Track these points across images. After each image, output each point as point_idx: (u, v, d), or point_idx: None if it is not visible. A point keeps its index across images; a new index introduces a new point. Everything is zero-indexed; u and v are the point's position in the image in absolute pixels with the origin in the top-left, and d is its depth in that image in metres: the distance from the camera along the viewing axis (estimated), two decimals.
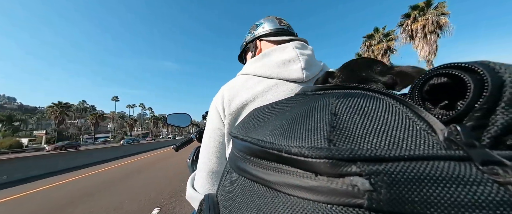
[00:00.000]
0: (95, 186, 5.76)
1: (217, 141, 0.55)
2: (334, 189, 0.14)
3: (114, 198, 4.45)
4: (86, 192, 5.14)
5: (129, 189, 5.18)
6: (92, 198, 4.58)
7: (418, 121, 0.17)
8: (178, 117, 1.23)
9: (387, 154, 0.14)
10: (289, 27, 0.72)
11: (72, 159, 10.72)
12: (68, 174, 8.36)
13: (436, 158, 0.14)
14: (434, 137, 0.16)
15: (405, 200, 0.13)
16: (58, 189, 5.68)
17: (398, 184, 0.13)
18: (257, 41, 0.71)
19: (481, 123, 0.16)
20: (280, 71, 0.55)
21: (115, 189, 5.21)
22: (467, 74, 0.17)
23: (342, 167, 0.14)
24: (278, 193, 0.18)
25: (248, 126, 0.29)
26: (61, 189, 5.65)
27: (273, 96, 0.53)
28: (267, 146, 0.20)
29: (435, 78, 0.20)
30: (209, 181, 0.53)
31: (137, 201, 4.07)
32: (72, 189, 5.61)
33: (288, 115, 0.25)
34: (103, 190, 5.19)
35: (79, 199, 4.56)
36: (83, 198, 4.63)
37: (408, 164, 0.13)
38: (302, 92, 0.34)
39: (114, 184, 5.79)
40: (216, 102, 0.57)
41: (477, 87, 0.16)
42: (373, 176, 0.13)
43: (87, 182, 6.39)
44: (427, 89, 0.20)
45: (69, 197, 4.78)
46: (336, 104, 0.21)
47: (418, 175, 0.13)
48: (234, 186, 0.25)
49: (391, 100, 0.20)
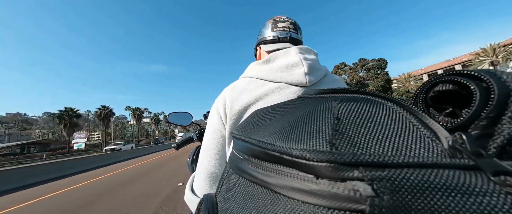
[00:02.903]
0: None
1: (217, 143, 0.55)
2: (335, 193, 0.14)
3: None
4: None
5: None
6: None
7: (422, 128, 0.17)
8: (179, 115, 1.23)
9: (391, 160, 0.14)
10: (286, 29, 0.69)
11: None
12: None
13: (441, 166, 0.13)
14: (439, 145, 0.16)
15: (408, 207, 0.12)
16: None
17: (402, 191, 0.13)
18: (257, 47, 0.74)
19: (487, 132, 0.16)
20: (283, 75, 0.55)
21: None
22: (473, 82, 0.17)
23: (344, 171, 0.14)
24: (278, 195, 0.18)
25: (249, 127, 0.29)
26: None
27: (276, 99, 0.53)
28: (268, 148, 0.20)
29: (440, 85, 0.19)
30: (208, 184, 0.53)
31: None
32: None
33: (290, 117, 0.24)
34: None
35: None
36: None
37: (412, 171, 0.13)
38: (304, 95, 0.34)
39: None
40: (218, 104, 0.57)
41: (483, 96, 0.16)
42: (376, 182, 0.13)
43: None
44: (431, 96, 0.20)
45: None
46: (339, 108, 0.20)
47: (422, 182, 0.13)
48: (233, 186, 0.25)
49: (394, 106, 0.20)
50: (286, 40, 0.68)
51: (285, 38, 0.68)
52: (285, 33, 0.68)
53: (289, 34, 0.68)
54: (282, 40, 0.68)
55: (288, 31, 0.69)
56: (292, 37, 0.69)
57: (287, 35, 0.68)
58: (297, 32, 0.70)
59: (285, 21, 0.70)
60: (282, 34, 0.68)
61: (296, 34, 0.70)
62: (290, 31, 0.69)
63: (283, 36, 0.68)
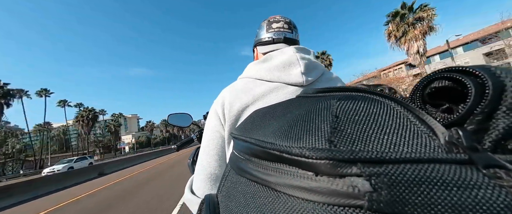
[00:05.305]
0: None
1: (216, 143, 0.56)
2: (334, 189, 0.14)
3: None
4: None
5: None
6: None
7: (419, 124, 0.17)
8: (179, 117, 1.23)
9: (388, 156, 0.14)
10: (280, 29, 0.69)
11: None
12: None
13: (438, 161, 0.14)
14: (435, 140, 0.16)
15: (405, 202, 0.13)
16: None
17: (399, 186, 0.13)
18: (254, 48, 0.75)
19: (482, 127, 0.16)
20: (280, 75, 0.56)
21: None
22: (468, 78, 0.17)
23: (343, 168, 0.15)
24: (279, 193, 0.18)
25: (249, 127, 0.29)
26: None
27: (274, 99, 0.53)
28: (268, 147, 0.20)
29: (436, 81, 0.20)
30: (207, 185, 0.53)
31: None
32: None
33: (289, 116, 0.25)
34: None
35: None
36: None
37: (409, 166, 0.14)
38: (303, 94, 0.34)
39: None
40: (216, 105, 0.57)
41: (478, 91, 0.16)
42: (374, 178, 0.14)
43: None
44: (428, 92, 0.21)
45: None
46: (337, 106, 0.21)
47: (419, 177, 0.13)
48: (234, 186, 0.25)
49: (392, 103, 0.20)
50: (280, 41, 0.68)
51: (280, 39, 0.68)
52: (279, 33, 0.69)
53: (283, 34, 0.69)
54: (276, 41, 0.68)
55: (282, 31, 0.69)
56: (287, 37, 0.69)
57: (282, 35, 0.68)
58: (292, 31, 0.70)
59: (279, 21, 0.70)
60: (277, 34, 0.69)
61: (291, 33, 0.70)
62: (285, 31, 0.69)
63: (278, 37, 0.68)
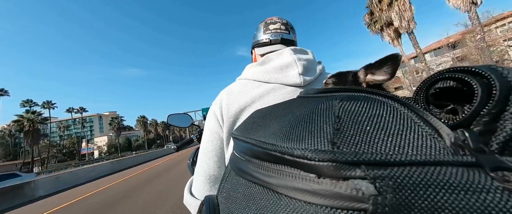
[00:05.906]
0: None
1: (215, 145, 0.56)
2: (338, 192, 0.14)
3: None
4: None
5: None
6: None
7: (423, 125, 0.17)
8: (178, 117, 1.23)
9: (393, 158, 0.14)
10: (277, 31, 0.69)
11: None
12: None
13: (444, 163, 0.13)
14: (441, 142, 0.16)
15: (411, 205, 0.12)
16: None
17: (405, 189, 0.13)
18: (252, 50, 0.76)
19: (489, 128, 0.15)
20: (278, 76, 0.56)
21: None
22: (474, 78, 0.17)
23: (346, 170, 0.14)
24: (280, 195, 0.18)
25: (250, 128, 0.29)
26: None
27: (272, 100, 0.53)
28: (269, 148, 0.19)
29: (440, 82, 0.19)
30: (207, 186, 0.53)
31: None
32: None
33: (290, 116, 0.24)
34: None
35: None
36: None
37: (415, 169, 0.13)
38: (304, 94, 0.34)
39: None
40: (215, 107, 0.58)
41: (485, 92, 0.16)
42: (379, 181, 0.13)
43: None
44: (432, 93, 0.20)
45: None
46: (340, 107, 0.20)
47: (425, 180, 0.13)
48: (235, 187, 0.25)
49: (395, 104, 0.20)
50: (278, 42, 0.69)
51: (277, 40, 0.69)
52: (276, 35, 0.69)
53: (280, 35, 0.69)
54: (274, 42, 0.69)
55: (279, 32, 0.69)
56: (284, 38, 0.69)
57: (279, 37, 0.69)
58: (289, 32, 0.71)
59: (276, 23, 0.71)
60: (274, 36, 0.69)
61: (288, 34, 0.70)
62: (282, 32, 0.69)
63: (275, 38, 0.69)
